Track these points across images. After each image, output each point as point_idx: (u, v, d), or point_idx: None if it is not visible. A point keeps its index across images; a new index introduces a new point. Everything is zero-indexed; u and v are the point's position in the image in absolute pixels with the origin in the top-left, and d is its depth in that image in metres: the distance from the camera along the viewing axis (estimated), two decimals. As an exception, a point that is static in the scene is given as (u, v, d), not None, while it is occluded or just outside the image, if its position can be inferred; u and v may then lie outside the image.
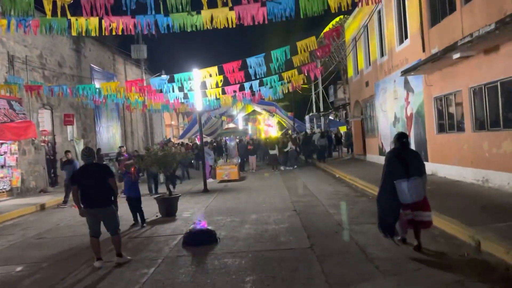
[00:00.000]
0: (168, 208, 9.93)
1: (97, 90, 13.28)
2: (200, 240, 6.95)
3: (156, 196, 10.88)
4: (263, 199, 11.80)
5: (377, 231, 6.17)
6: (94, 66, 23.92)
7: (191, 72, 12.71)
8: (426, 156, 13.46)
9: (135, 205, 9.04)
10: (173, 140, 39.50)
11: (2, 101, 14.73)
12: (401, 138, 6.07)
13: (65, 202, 13.23)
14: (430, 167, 13.19)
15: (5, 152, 15.42)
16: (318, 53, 13.40)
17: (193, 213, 10.22)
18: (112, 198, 6.40)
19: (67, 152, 13.78)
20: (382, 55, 17.70)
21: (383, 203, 5.95)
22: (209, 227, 7.35)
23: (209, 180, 17.50)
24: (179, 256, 6.40)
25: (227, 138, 29.27)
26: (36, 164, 17.25)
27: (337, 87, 45.26)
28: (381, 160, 18.32)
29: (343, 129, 41.35)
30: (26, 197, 15.31)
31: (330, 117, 39.91)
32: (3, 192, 15.23)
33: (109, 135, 25.53)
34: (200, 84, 13.64)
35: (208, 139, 40.41)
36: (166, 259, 6.30)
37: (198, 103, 13.89)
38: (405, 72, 12.41)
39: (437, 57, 10.03)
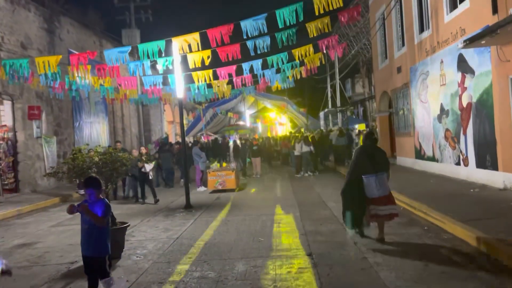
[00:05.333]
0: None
1: (37, 66, 9.57)
2: None
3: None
4: (262, 225, 8.05)
5: None
6: (74, 52, 20.37)
7: (162, 40, 8.96)
8: (495, 162, 9.54)
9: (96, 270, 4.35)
10: (177, 139, 36.02)
11: None
12: (371, 136, 6.59)
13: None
14: (501, 179, 9.30)
15: None
16: (343, 18, 9.57)
17: (148, 253, 6.51)
18: None
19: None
20: (422, 30, 13.77)
21: (352, 197, 6.28)
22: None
23: (200, 189, 13.88)
24: None
25: (229, 136, 25.54)
26: (-16, 167, 13.79)
27: (355, 80, 41.20)
28: (418, 165, 14.41)
29: (362, 127, 37.40)
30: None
31: (347, 114, 35.92)
32: None
33: (93, 133, 22.00)
34: (180, 62, 9.92)
35: (218, 137, 36.74)
36: None
37: (179, 88, 10.17)
38: (471, 42, 8.51)
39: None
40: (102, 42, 24.20)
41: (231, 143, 20.75)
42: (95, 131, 22.10)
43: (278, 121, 49.12)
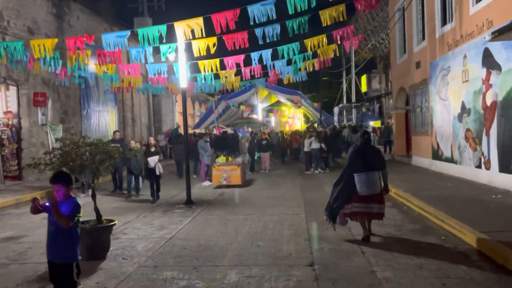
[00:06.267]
0: (92, 245, 5.75)
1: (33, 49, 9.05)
2: None
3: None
4: (263, 226, 7.47)
5: None
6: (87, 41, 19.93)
7: (163, 25, 8.37)
8: (521, 167, 8.77)
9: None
10: (189, 130, 35.59)
11: None
12: (364, 135, 6.54)
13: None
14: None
15: None
16: (359, 6, 8.86)
17: (136, 254, 5.98)
18: None
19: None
20: (444, 22, 12.94)
21: (339, 192, 6.38)
22: None
23: (205, 184, 13.36)
24: None
25: (239, 129, 24.94)
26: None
27: (372, 76, 40.16)
28: (434, 165, 13.56)
29: (377, 124, 36.50)
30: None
31: (363, 110, 35.01)
32: None
33: (102, 122, 21.63)
34: (184, 49, 9.35)
35: (229, 130, 36.31)
36: None
37: (182, 77, 9.61)
38: (500, 34, 7.73)
39: None
40: (114, 30, 23.72)
41: (244, 137, 20.21)
42: (103, 120, 21.74)
43: (292, 116, 48.34)
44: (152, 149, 10.19)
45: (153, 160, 10.07)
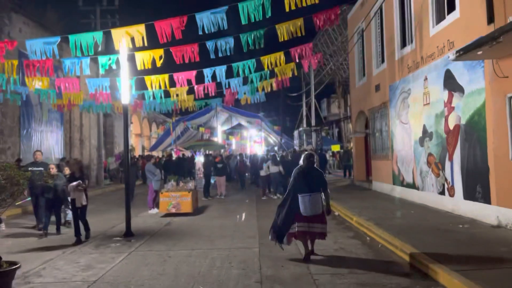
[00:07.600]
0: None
1: None
2: None
3: None
4: (209, 264, 6.42)
5: None
6: (25, 52, 18.40)
7: (99, 32, 7.36)
8: (487, 194, 8.27)
9: None
10: (145, 153, 34.02)
11: None
12: (309, 158, 6.70)
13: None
14: (494, 214, 8.02)
15: None
16: (319, 21, 8.23)
17: (44, 306, 4.79)
18: None
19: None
20: (404, 44, 12.66)
21: (284, 213, 6.58)
22: None
23: (152, 212, 12.16)
24: None
25: (194, 152, 23.79)
26: None
27: (331, 100, 40.41)
28: (395, 191, 12.93)
29: (336, 148, 36.46)
30: None
31: (322, 134, 34.83)
32: None
33: (44, 143, 19.90)
34: (127, 59, 8.33)
35: (188, 153, 34.88)
36: None
37: (125, 93, 8.56)
38: (465, 52, 7.27)
39: None
40: (63, 46, 22.21)
41: (199, 160, 19.17)
42: (46, 141, 20.02)
43: (253, 139, 47.70)
44: (77, 174, 8.27)
45: (70, 188, 8.06)
